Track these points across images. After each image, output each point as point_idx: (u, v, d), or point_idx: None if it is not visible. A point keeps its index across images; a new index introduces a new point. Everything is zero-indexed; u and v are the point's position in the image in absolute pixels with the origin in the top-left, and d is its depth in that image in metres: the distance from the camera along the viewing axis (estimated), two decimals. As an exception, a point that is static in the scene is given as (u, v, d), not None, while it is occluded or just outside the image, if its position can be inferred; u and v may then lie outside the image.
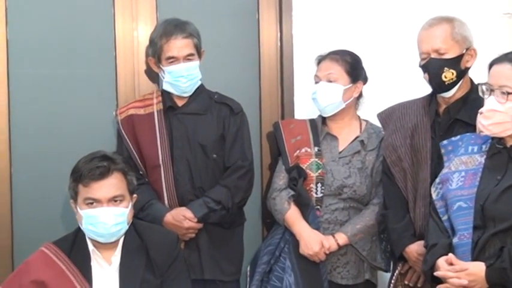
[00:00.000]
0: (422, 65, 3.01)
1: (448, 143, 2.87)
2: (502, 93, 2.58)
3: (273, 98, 3.73)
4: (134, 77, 3.49)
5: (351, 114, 3.36)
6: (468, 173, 2.72)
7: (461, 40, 2.97)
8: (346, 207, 3.25)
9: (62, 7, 3.44)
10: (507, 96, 2.57)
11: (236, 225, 3.35)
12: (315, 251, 3.15)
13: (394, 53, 3.70)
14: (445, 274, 2.60)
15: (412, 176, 3.07)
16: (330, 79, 3.27)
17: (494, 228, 2.56)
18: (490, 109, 2.60)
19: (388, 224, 3.12)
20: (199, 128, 3.26)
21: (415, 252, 3.01)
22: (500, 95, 2.59)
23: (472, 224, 2.63)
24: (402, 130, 3.11)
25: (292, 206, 3.24)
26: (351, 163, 3.28)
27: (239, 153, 3.29)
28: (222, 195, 3.21)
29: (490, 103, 2.61)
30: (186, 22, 3.24)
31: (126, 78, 3.48)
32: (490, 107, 2.60)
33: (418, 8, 3.67)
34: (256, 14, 3.68)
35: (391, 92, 3.57)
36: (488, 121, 2.61)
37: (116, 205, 2.71)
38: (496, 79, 2.61)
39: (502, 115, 2.58)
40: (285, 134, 3.39)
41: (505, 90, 2.57)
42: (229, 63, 3.65)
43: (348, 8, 3.71)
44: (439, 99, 3.07)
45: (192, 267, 3.16)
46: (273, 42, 3.71)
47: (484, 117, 2.62)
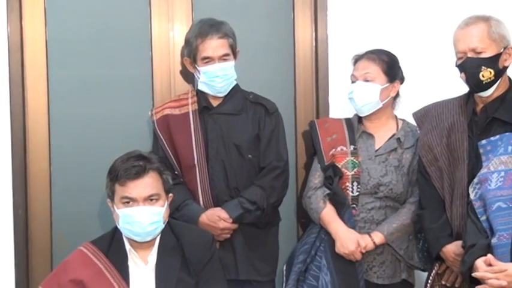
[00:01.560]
0: (459, 64, 2.97)
1: (487, 143, 2.84)
2: None
3: (308, 98, 3.72)
4: (170, 77, 3.52)
5: (387, 114, 3.35)
6: (508, 173, 2.69)
7: (499, 39, 2.93)
8: (382, 206, 3.24)
9: (99, 8, 3.50)
10: None
11: (271, 225, 3.35)
12: (351, 250, 3.14)
13: (431, 52, 3.67)
14: (483, 275, 2.57)
15: (448, 175, 3.04)
16: (367, 78, 3.26)
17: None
18: None
19: (424, 224, 3.10)
20: (234, 128, 3.27)
21: (452, 252, 2.98)
22: None
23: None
24: (438, 129, 3.08)
25: (328, 205, 3.24)
26: (387, 161, 3.26)
27: (274, 154, 3.29)
28: (257, 196, 3.22)
29: None
30: (221, 22, 3.25)
31: (162, 78, 3.51)
32: None
33: (455, 7, 3.63)
34: (292, 13, 3.68)
35: (427, 92, 3.54)
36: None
37: (151, 204, 2.73)
38: None
39: None
40: (321, 132, 3.39)
41: None
42: (264, 63, 3.66)
43: (383, 8, 3.68)
44: (476, 98, 3.03)
45: (227, 267, 3.16)
46: (308, 42, 3.70)
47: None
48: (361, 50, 3.35)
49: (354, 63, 3.34)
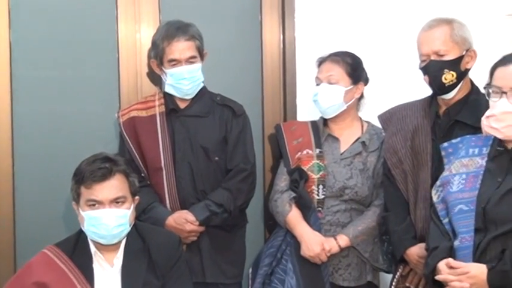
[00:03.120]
0: (423, 67, 3.01)
1: (449, 145, 2.86)
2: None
3: (276, 100, 3.74)
4: (137, 79, 3.50)
5: (352, 116, 3.37)
6: (469, 175, 2.72)
7: (461, 41, 2.97)
8: (347, 208, 3.25)
9: (64, 9, 3.46)
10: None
11: (238, 227, 3.35)
12: (316, 253, 3.15)
13: (395, 54, 3.70)
14: (446, 278, 2.59)
15: (412, 178, 3.07)
16: (331, 81, 3.27)
17: (496, 231, 2.55)
18: (504, 111, 2.58)
19: (389, 227, 3.13)
20: (202, 131, 3.26)
21: (415, 254, 3.01)
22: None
23: (473, 227, 2.62)
24: (403, 132, 3.11)
25: (294, 208, 3.25)
26: (353, 164, 3.28)
27: (241, 156, 3.29)
28: (224, 198, 3.21)
29: (503, 105, 2.58)
30: (188, 24, 3.24)
31: (129, 80, 3.49)
32: (504, 109, 2.57)
33: (419, 9, 3.67)
34: (259, 16, 3.69)
35: (392, 94, 3.57)
36: (502, 124, 2.59)
37: (117, 206, 2.71)
38: (508, 81, 2.58)
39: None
40: (287, 136, 3.40)
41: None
42: (231, 65, 3.66)
43: (350, 10, 3.71)
44: (440, 101, 3.07)
45: (194, 270, 3.15)
46: (275, 45, 3.72)
47: (496, 120, 2.60)
48: (328, 52, 3.36)
49: (318, 66, 3.35)
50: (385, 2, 3.75)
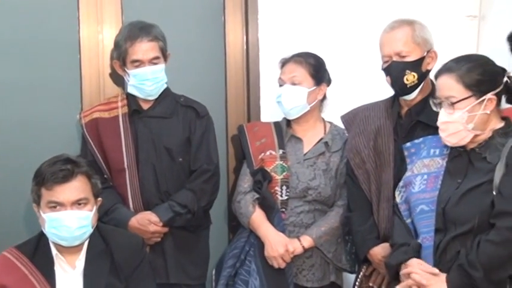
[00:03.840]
0: (385, 68, 3.04)
1: (411, 146, 2.91)
2: (449, 105, 2.64)
3: (239, 101, 3.74)
4: (99, 80, 3.46)
5: (315, 117, 3.38)
6: (430, 176, 2.76)
7: (422, 43, 3.01)
8: (311, 209, 3.27)
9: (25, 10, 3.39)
10: (453, 106, 2.62)
11: (202, 228, 3.35)
12: (280, 253, 3.15)
13: (357, 55, 3.73)
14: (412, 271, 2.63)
15: (375, 178, 3.10)
16: (294, 82, 3.28)
17: (455, 231, 2.59)
18: (443, 121, 2.67)
19: (352, 227, 3.15)
20: (165, 132, 3.25)
21: (379, 254, 3.04)
22: (448, 106, 2.64)
23: (434, 227, 2.66)
24: (365, 133, 3.14)
25: (257, 209, 3.25)
26: (316, 165, 3.29)
27: (205, 157, 3.28)
28: (187, 199, 3.20)
29: (442, 116, 2.67)
30: (151, 25, 3.23)
31: (91, 81, 3.45)
32: (443, 120, 2.66)
33: (380, 11, 3.70)
34: (222, 17, 3.69)
35: (354, 94, 3.60)
36: (445, 133, 2.67)
37: (79, 208, 2.69)
38: (441, 91, 2.68)
39: (455, 125, 2.63)
40: (250, 137, 3.40)
41: (450, 100, 2.63)
42: (195, 66, 3.64)
43: (313, 11, 3.72)
44: (401, 102, 3.11)
45: (158, 271, 3.14)
46: (239, 45, 3.72)
47: (441, 130, 2.68)
48: (289, 53, 3.36)
49: (281, 67, 3.35)
50: (348, 4, 3.77)
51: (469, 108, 2.61)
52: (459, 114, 2.62)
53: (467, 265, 2.51)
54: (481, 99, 2.61)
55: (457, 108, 2.62)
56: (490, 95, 2.62)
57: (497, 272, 2.49)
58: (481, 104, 2.62)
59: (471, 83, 2.61)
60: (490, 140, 2.65)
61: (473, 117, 2.61)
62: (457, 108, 2.62)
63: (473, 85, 2.61)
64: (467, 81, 2.61)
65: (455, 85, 2.63)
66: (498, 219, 2.49)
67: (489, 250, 2.48)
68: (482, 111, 2.62)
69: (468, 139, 2.65)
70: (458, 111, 2.62)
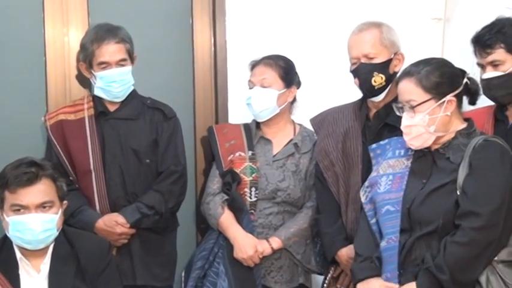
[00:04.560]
0: (353, 70, 3.06)
1: (377, 147, 2.93)
2: (410, 108, 2.67)
3: (207, 103, 3.73)
4: (65, 82, 3.44)
5: (285, 119, 3.38)
6: (395, 176, 2.78)
7: (390, 45, 3.02)
8: (280, 211, 3.27)
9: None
10: (414, 110, 2.65)
11: (169, 230, 3.34)
12: (249, 255, 3.15)
13: (326, 57, 3.74)
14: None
15: (344, 180, 3.11)
16: (264, 84, 3.28)
17: (420, 232, 2.61)
18: (406, 125, 2.69)
19: (321, 228, 3.16)
20: (132, 133, 3.24)
21: (346, 256, 3.05)
22: (409, 110, 2.67)
23: (399, 228, 2.68)
24: (334, 135, 3.15)
25: (226, 211, 3.24)
26: (285, 166, 3.29)
27: (172, 158, 3.27)
28: (155, 201, 3.19)
29: (404, 120, 2.69)
30: (118, 27, 3.21)
31: (57, 84, 3.42)
32: (405, 124, 2.69)
33: (348, 13, 3.71)
34: (190, 19, 3.68)
35: (323, 97, 3.61)
36: (408, 137, 2.70)
37: (44, 211, 2.66)
38: (402, 96, 2.71)
39: (417, 128, 2.66)
40: (219, 138, 3.39)
41: (411, 104, 2.66)
42: (162, 68, 3.63)
43: (281, 14, 3.73)
44: (370, 104, 3.12)
45: (124, 273, 3.13)
46: (206, 47, 3.71)
47: (404, 134, 2.71)
48: (259, 56, 3.36)
49: (251, 69, 3.35)
50: (315, 6, 3.77)
51: (429, 110, 2.64)
52: (420, 117, 2.64)
53: (434, 268, 2.53)
54: (441, 101, 2.65)
55: (417, 112, 2.65)
56: (449, 96, 2.66)
57: (464, 273, 2.51)
58: (441, 106, 2.65)
59: (430, 86, 2.64)
60: (453, 141, 2.68)
61: (435, 120, 2.64)
62: (417, 111, 2.65)
63: (432, 88, 2.64)
64: (426, 84, 2.64)
65: (414, 89, 2.66)
66: (463, 219, 2.52)
67: (456, 252, 2.51)
68: (442, 113, 2.65)
69: (431, 141, 2.67)
70: (419, 115, 2.65)
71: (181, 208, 3.37)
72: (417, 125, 2.65)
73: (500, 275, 2.52)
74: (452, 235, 2.53)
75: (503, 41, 2.94)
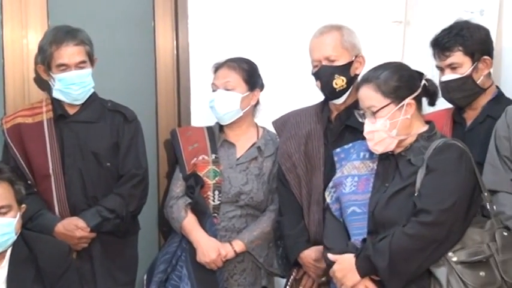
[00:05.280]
0: (314, 72, 3.07)
1: (341, 151, 2.94)
2: (371, 114, 2.69)
3: (170, 106, 3.72)
4: (24, 84, 3.39)
5: (248, 122, 3.38)
6: (361, 178, 2.79)
7: (351, 47, 3.04)
8: (243, 214, 3.26)
9: None
10: (375, 115, 2.67)
11: (130, 234, 3.31)
12: (212, 259, 3.14)
13: (288, 60, 3.74)
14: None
15: (306, 182, 3.12)
16: (227, 87, 3.28)
17: (385, 234, 2.61)
18: (368, 131, 2.71)
19: (283, 231, 3.16)
20: (92, 136, 3.20)
21: (309, 257, 3.06)
22: (370, 115, 2.69)
23: (366, 229, 2.69)
24: (296, 137, 3.16)
25: (189, 214, 3.23)
26: (248, 170, 3.29)
27: (133, 162, 3.25)
28: (115, 204, 3.16)
29: (366, 126, 2.71)
30: (77, 29, 3.18)
31: (15, 86, 3.38)
32: (368, 130, 2.71)
33: (310, 16, 3.72)
34: (152, 21, 3.66)
35: (286, 99, 3.61)
36: (372, 142, 2.72)
37: (2, 215, 2.64)
38: (363, 102, 2.73)
39: (379, 133, 2.68)
40: (182, 141, 3.38)
41: (371, 110, 2.68)
42: (124, 70, 3.60)
43: (243, 16, 3.73)
44: (331, 106, 3.13)
45: (85, 277, 3.09)
46: (169, 50, 3.70)
47: (368, 140, 2.73)
48: (222, 58, 3.36)
49: (214, 72, 3.35)
50: (278, 9, 3.78)
51: (389, 115, 2.66)
52: (381, 122, 2.66)
53: (372, 254, 2.56)
54: (400, 105, 2.66)
55: (378, 117, 2.67)
56: (408, 99, 2.67)
57: (403, 263, 2.53)
58: (401, 109, 2.67)
59: (389, 91, 2.66)
60: (414, 144, 2.69)
61: (396, 124, 2.66)
62: (378, 116, 2.67)
63: (391, 92, 2.66)
64: (384, 89, 2.66)
65: (374, 95, 2.68)
66: (415, 216, 2.54)
67: (401, 241, 2.53)
68: (403, 117, 2.67)
69: (394, 145, 2.69)
70: (380, 120, 2.66)
71: (144, 211, 3.34)
72: (379, 130, 2.66)
73: (459, 276, 2.52)
74: (403, 226, 2.55)
75: (461, 44, 2.98)
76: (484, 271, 2.54)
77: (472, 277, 2.52)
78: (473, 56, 2.99)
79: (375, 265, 2.55)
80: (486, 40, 3.04)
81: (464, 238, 2.56)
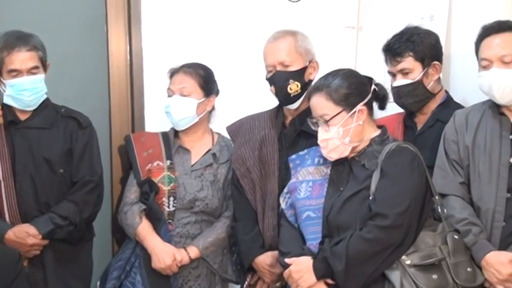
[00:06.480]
0: (269, 77, 3.07)
1: (296, 157, 2.95)
2: (324, 122, 2.70)
3: (123, 111, 3.69)
4: (-27, 91, 3.35)
5: (203, 128, 3.37)
6: (315, 183, 2.80)
7: (305, 53, 3.05)
8: (198, 220, 3.25)
9: None
10: (328, 123, 2.69)
11: (84, 240, 3.28)
12: (167, 265, 3.13)
13: (243, 65, 3.74)
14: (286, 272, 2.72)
15: (260, 187, 3.11)
16: (183, 93, 3.26)
17: (339, 238, 2.63)
18: (322, 139, 2.72)
19: (238, 236, 3.16)
20: (45, 143, 3.16)
21: (263, 263, 3.06)
22: (323, 124, 2.71)
23: (321, 234, 2.71)
24: (251, 143, 3.16)
25: (144, 220, 3.21)
26: (203, 176, 3.28)
27: (87, 168, 3.22)
28: (69, 211, 3.13)
29: (320, 134, 2.73)
30: (29, 34, 3.14)
31: (-36, 92, 3.33)
32: (321, 138, 2.72)
33: (265, 22, 3.72)
34: (105, 26, 3.63)
35: (240, 104, 3.61)
36: (326, 150, 2.73)
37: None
38: (315, 111, 2.75)
39: (333, 141, 2.69)
40: (137, 147, 3.36)
41: (324, 118, 2.70)
42: (77, 76, 3.58)
43: (197, 20, 3.73)
44: (286, 112, 3.14)
45: (37, 285, 3.06)
46: (122, 55, 3.67)
47: (322, 148, 2.74)
48: (177, 64, 3.35)
49: (170, 77, 3.33)
50: (231, 14, 3.78)
51: (342, 122, 2.68)
52: (335, 130, 2.68)
53: (330, 256, 2.58)
54: (352, 111, 2.68)
55: (331, 125, 2.69)
56: (359, 106, 2.70)
57: (358, 267, 2.55)
58: (353, 116, 2.69)
59: (340, 98, 2.68)
60: (367, 148, 2.72)
61: (349, 131, 2.68)
62: (331, 124, 2.69)
63: (342, 100, 2.68)
64: (336, 97, 2.68)
65: (326, 103, 2.70)
66: (372, 220, 2.56)
67: (358, 244, 2.55)
68: (355, 123, 2.69)
69: (348, 152, 2.71)
70: (333, 128, 2.68)
71: (98, 218, 3.32)
72: (333, 138, 2.68)
73: (412, 278, 2.55)
74: (360, 229, 2.57)
75: (412, 50, 3.03)
76: (437, 274, 2.56)
77: (425, 280, 2.54)
78: (423, 62, 3.04)
79: (332, 268, 2.57)
80: (436, 45, 3.10)
81: (417, 241, 2.59)
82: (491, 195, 2.74)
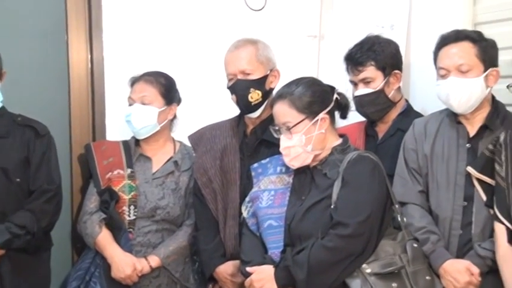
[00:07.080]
0: (230, 86, 3.07)
1: (258, 166, 2.94)
2: (286, 130, 2.70)
3: (84, 120, 3.64)
4: None
5: (165, 136, 3.36)
6: (277, 192, 2.80)
7: (266, 61, 3.05)
8: (159, 229, 3.23)
9: None
10: (291, 131, 2.69)
11: (42, 250, 3.20)
12: (127, 274, 3.10)
13: (204, 74, 3.74)
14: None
15: (222, 197, 3.10)
16: (144, 101, 3.25)
17: (301, 246, 2.63)
18: (284, 147, 2.72)
19: (199, 245, 3.14)
20: (0, 152, 3.08)
21: (225, 272, 3.04)
22: (286, 131, 2.71)
23: (283, 243, 2.70)
24: (212, 152, 3.14)
25: (104, 229, 3.18)
26: (165, 184, 3.27)
27: (45, 177, 3.15)
28: (26, 220, 3.05)
29: (282, 142, 2.73)
30: None
31: None
32: (284, 145, 2.72)
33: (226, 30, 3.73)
34: (65, 35, 3.58)
35: (202, 113, 3.61)
36: (288, 158, 2.73)
37: None
38: (278, 118, 2.75)
39: (295, 148, 2.70)
40: (97, 155, 3.33)
41: (287, 126, 2.70)
42: (36, 84, 3.50)
43: (159, 29, 3.71)
44: (247, 120, 3.14)
45: (-6, 296, 3.00)
46: (83, 64, 3.63)
47: (284, 156, 2.74)
48: (138, 72, 3.33)
49: (131, 85, 3.31)
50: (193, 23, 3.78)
51: (305, 130, 2.69)
52: (297, 138, 2.68)
53: (292, 265, 2.57)
54: (315, 119, 2.69)
55: (294, 133, 2.69)
56: (322, 114, 2.70)
57: (320, 276, 2.55)
58: (315, 124, 2.69)
59: (303, 106, 2.69)
60: (329, 157, 2.72)
61: (311, 139, 2.69)
62: (294, 132, 2.69)
63: (305, 108, 2.69)
64: (299, 105, 2.69)
65: (289, 111, 2.70)
66: (333, 229, 2.56)
67: (320, 254, 2.55)
68: (317, 131, 2.70)
69: (310, 160, 2.72)
70: (296, 135, 2.68)
71: (56, 227, 3.24)
72: (295, 146, 2.68)
73: (373, 287, 2.55)
74: (322, 238, 2.57)
75: (373, 59, 3.05)
76: (396, 282, 2.57)
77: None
78: (384, 71, 3.06)
79: (293, 276, 2.56)
80: (396, 54, 3.13)
81: (377, 250, 2.60)
82: (449, 203, 2.76)
